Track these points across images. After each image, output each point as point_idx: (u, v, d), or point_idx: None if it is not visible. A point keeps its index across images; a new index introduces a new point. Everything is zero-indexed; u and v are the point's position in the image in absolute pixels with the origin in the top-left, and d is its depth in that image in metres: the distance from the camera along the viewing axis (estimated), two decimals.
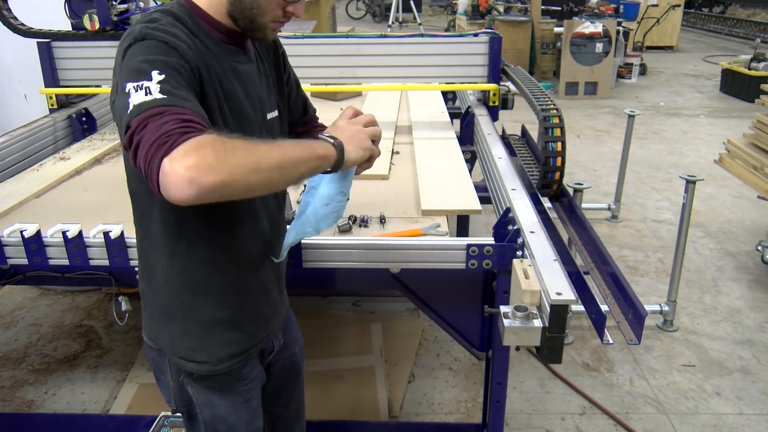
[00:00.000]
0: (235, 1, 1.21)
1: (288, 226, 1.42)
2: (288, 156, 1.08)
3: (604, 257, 1.90)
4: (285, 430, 1.78)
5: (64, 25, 2.99)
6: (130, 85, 1.03)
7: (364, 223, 1.94)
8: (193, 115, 1.01)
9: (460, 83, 3.14)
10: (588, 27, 7.97)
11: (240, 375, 1.44)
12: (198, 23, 1.23)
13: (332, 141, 1.20)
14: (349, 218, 1.95)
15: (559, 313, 1.37)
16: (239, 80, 1.28)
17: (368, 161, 1.30)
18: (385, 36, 3.03)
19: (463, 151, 2.61)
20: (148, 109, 0.99)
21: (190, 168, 0.92)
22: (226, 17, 1.24)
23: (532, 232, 1.71)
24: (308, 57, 2.92)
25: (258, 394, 1.53)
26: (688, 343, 3.13)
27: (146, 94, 1.01)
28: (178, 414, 2.10)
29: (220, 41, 1.25)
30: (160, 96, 1.01)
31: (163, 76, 1.04)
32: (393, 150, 2.65)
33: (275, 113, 1.40)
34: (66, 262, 1.72)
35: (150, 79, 1.03)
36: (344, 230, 1.89)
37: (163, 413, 2.19)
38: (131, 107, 1.01)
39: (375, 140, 1.31)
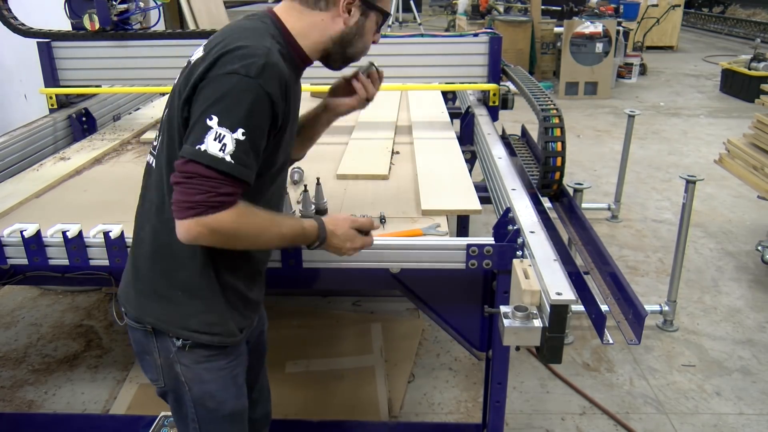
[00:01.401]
0: (343, 42, 1.36)
1: None
2: (274, 246, 1.36)
3: (604, 257, 1.90)
4: (251, 412, 1.77)
5: (64, 25, 2.99)
6: (215, 122, 1.17)
7: None
8: (235, 187, 1.21)
9: (460, 83, 3.14)
10: (588, 27, 7.97)
11: (227, 351, 1.48)
12: (290, 53, 1.32)
13: (318, 239, 1.39)
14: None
15: (559, 313, 1.37)
16: (298, 101, 1.40)
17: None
18: (385, 36, 3.02)
19: (463, 151, 2.61)
20: (209, 167, 1.17)
21: (199, 237, 1.22)
22: (317, 52, 1.36)
23: (532, 232, 1.71)
24: None
25: (243, 372, 1.56)
26: (688, 343, 3.13)
27: (220, 150, 1.17)
28: None
29: (297, 65, 1.36)
30: (227, 160, 1.17)
31: (243, 138, 1.18)
32: (393, 150, 2.65)
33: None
34: (66, 262, 1.72)
35: (234, 131, 1.17)
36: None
37: (163, 413, 2.18)
38: (200, 148, 1.17)
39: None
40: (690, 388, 2.79)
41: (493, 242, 1.71)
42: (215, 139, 1.16)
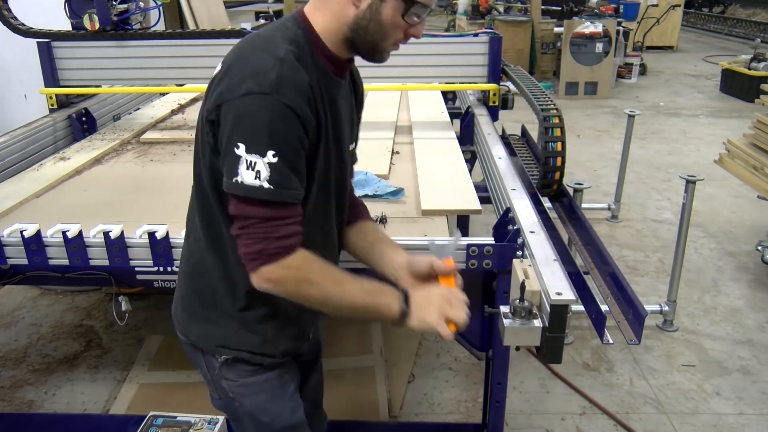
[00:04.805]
0: (358, 28, 1.22)
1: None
2: (353, 305, 1.25)
3: (604, 257, 1.90)
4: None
5: (64, 25, 2.99)
6: (242, 150, 1.12)
7: None
8: (288, 221, 1.17)
9: (460, 83, 3.14)
10: (588, 27, 7.97)
11: (268, 363, 1.44)
12: (315, 56, 1.23)
13: (401, 308, 1.25)
14: None
15: (559, 313, 1.37)
16: (340, 114, 1.31)
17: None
18: None
19: (463, 151, 2.61)
20: (252, 201, 1.14)
21: (269, 287, 1.19)
22: (340, 44, 1.25)
23: (532, 232, 1.71)
24: None
25: (294, 384, 1.52)
26: (688, 343, 3.13)
27: (255, 177, 1.12)
28: (171, 414, 2.10)
29: (330, 73, 1.26)
30: (266, 186, 1.12)
31: (276, 159, 1.12)
32: (393, 150, 2.65)
33: (354, 145, 1.44)
34: (66, 262, 1.72)
35: (263, 155, 1.12)
36: None
37: (152, 413, 2.18)
38: (237, 181, 1.13)
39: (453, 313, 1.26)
40: (690, 388, 2.79)
41: (493, 242, 1.71)
42: (248, 168, 1.12)
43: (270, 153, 1.12)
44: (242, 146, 1.12)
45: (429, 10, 1.25)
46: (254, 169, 1.12)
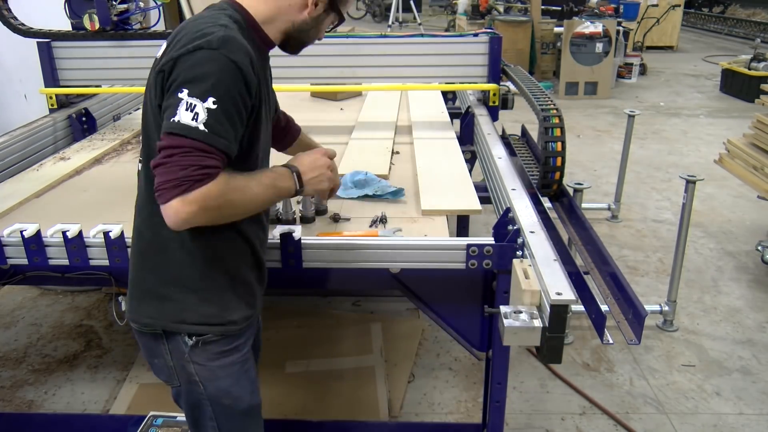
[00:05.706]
0: (301, 30, 1.41)
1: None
2: (263, 202, 1.35)
3: (604, 257, 1.90)
4: None
5: (64, 25, 2.99)
6: (185, 94, 1.18)
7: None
8: (217, 160, 1.20)
9: (460, 83, 3.14)
10: (588, 27, 7.97)
11: (236, 345, 1.48)
12: (251, 33, 1.35)
13: (296, 187, 1.40)
14: (334, 216, 1.97)
15: (559, 313, 1.38)
16: (268, 83, 1.47)
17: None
18: (385, 36, 3.02)
19: (463, 151, 2.61)
20: (184, 137, 1.17)
21: (190, 217, 1.19)
22: (276, 33, 1.41)
23: (532, 232, 1.71)
24: (308, 57, 2.90)
25: (254, 367, 1.58)
26: (688, 343, 3.13)
27: (192, 119, 1.17)
28: (171, 414, 2.11)
29: (262, 49, 1.41)
30: (201, 128, 1.17)
31: (215, 107, 1.19)
32: (393, 150, 2.65)
33: (275, 113, 1.58)
34: (66, 262, 1.72)
35: (204, 100, 1.18)
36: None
37: (152, 413, 2.18)
38: (174, 120, 1.18)
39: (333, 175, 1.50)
40: (690, 388, 2.79)
41: (493, 242, 1.71)
42: (187, 109, 1.17)
43: (210, 99, 1.18)
44: (185, 90, 1.18)
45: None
46: (193, 111, 1.17)
